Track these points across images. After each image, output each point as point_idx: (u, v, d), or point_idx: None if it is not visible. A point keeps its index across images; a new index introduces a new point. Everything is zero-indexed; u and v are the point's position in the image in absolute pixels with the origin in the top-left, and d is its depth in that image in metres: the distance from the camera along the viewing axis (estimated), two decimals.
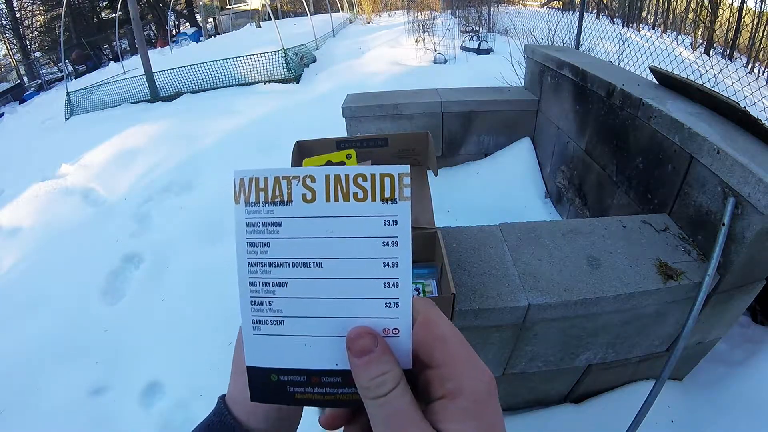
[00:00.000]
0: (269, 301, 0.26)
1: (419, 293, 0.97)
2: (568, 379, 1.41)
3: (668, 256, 1.15)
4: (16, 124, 7.38)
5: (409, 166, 0.26)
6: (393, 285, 0.25)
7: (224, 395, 0.31)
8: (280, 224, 0.26)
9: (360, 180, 0.25)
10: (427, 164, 1.14)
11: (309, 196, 0.25)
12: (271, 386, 0.26)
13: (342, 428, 0.28)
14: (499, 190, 2.52)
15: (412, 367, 0.25)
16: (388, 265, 0.25)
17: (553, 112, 2.35)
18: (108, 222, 3.01)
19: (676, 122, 1.29)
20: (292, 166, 1.07)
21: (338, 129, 2.61)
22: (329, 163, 0.37)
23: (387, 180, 0.25)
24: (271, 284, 0.26)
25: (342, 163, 0.34)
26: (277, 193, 0.25)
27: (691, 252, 1.17)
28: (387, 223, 0.25)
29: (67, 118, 6.20)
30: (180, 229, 2.75)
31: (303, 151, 1.11)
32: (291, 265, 0.26)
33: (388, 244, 0.25)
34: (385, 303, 0.25)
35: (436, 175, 1.11)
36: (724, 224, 1.06)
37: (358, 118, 2.55)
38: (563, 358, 1.26)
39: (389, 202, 0.25)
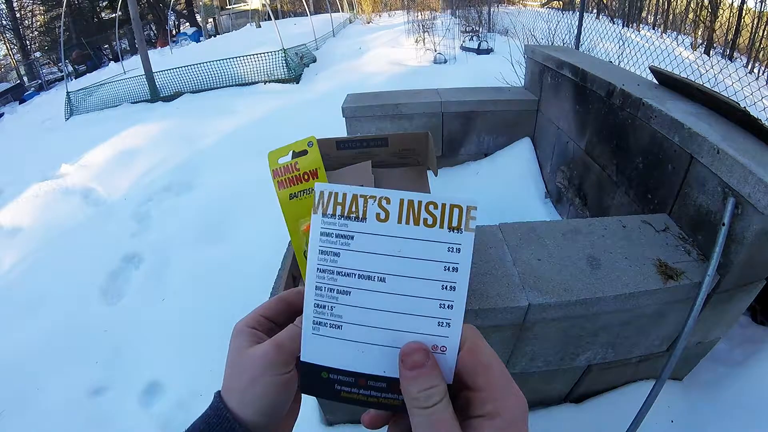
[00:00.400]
0: (331, 306, 0.29)
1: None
2: (568, 379, 1.41)
3: (668, 256, 1.15)
4: (16, 124, 7.38)
5: (476, 200, 0.29)
6: (448, 307, 0.27)
7: (220, 390, 0.32)
8: (352, 238, 0.28)
9: (431, 207, 0.27)
10: (427, 164, 1.14)
11: (382, 216, 0.28)
12: (320, 382, 0.29)
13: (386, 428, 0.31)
14: (499, 190, 2.52)
15: (452, 383, 0.27)
16: (446, 288, 0.27)
17: (553, 112, 2.35)
18: (108, 222, 3.01)
19: (676, 122, 1.29)
20: None
21: (338, 129, 2.61)
22: (293, 154, 0.41)
23: (456, 211, 0.27)
24: (335, 291, 0.28)
25: (304, 152, 0.42)
26: (354, 209, 0.28)
27: (691, 252, 1.17)
28: (451, 250, 0.27)
29: (67, 118, 6.21)
30: (180, 229, 2.75)
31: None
32: (357, 276, 0.28)
33: (449, 269, 0.27)
34: (438, 322, 0.27)
35: (436, 175, 1.11)
36: (724, 224, 1.06)
37: (358, 118, 2.55)
38: (563, 358, 1.26)
39: (455, 231, 0.27)
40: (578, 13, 3.46)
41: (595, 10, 7.79)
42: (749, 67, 7.26)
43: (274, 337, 0.32)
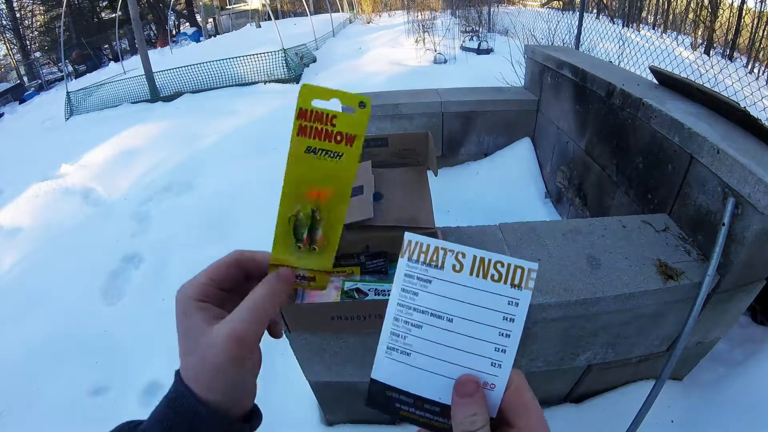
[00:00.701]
0: (404, 336, 0.33)
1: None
2: (568, 379, 1.41)
3: (668, 256, 1.15)
4: (16, 124, 7.37)
5: (537, 263, 0.35)
6: (502, 351, 0.32)
7: (179, 371, 0.32)
8: (430, 282, 0.33)
9: (498, 266, 0.32)
10: (427, 164, 1.14)
11: (458, 267, 0.33)
12: (384, 398, 0.34)
13: None
14: (499, 190, 2.52)
15: (495, 417, 0.31)
16: (502, 335, 0.32)
17: (553, 112, 2.35)
18: (108, 222, 3.01)
19: (676, 122, 1.29)
20: None
21: None
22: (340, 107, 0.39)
23: (519, 271, 0.32)
24: (410, 324, 0.33)
25: (349, 109, 0.37)
26: (434, 258, 0.33)
27: (691, 252, 1.17)
28: (510, 303, 0.32)
29: (67, 118, 6.20)
30: (180, 229, 2.75)
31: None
32: (430, 314, 0.33)
33: (507, 319, 0.32)
34: (492, 363, 0.32)
35: (436, 175, 1.11)
36: (724, 224, 1.06)
37: None
38: (563, 358, 1.26)
39: (516, 287, 0.32)
40: (578, 13, 3.46)
41: (595, 10, 7.79)
42: (749, 67, 7.26)
43: (233, 330, 0.30)
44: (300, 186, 0.35)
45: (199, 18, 16.49)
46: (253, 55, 6.14)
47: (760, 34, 7.73)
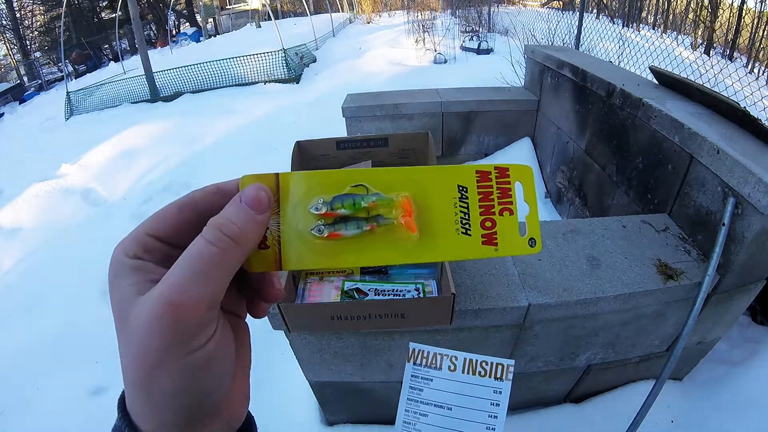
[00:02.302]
0: (414, 423, 0.42)
1: (419, 293, 0.97)
2: (568, 379, 1.41)
3: (668, 256, 1.15)
4: (16, 124, 7.37)
5: (513, 360, 0.43)
6: (491, 429, 0.41)
7: (123, 400, 0.22)
8: (431, 380, 0.42)
9: (483, 364, 0.42)
10: (427, 164, 1.14)
11: (452, 368, 0.42)
12: None
13: None
14: None
15: None
16: (491, 416, 0.41)
17: (553, 112, 2.35)
18: (108, 222, 3.01)
19: (676, 122, 1.29)
20: (291, 165, 1.07)
21: (338, 129, 2.61)
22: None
23: (500, 367, 0.42)
24: (418, 414, 0.42)
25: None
26: (433, 362, 0.43)
27: (691, 252, 1.17)
28: (495, 392, 0.41)
29: (67, 118, 6.20)
30: None
31: (303, 151, 1.11)
32: (433, 405, 0.42)
33: (493, 404, 0.41)
34: None
35: None
36: (724, 224, 1.06)
37: (358, 118, 2.55)
38: (563, 358, 1.26)
39: (499, 380, 0.42)
40: (578, 13, 3.46)
41: (595, 10, 7.79)
42: (749, 67, 7.26)
43: (162, 293, 0.19)
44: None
45: (199, 18, 16.49)
46: (253, 55, 6.14)
47: (760, 34, 7.73)
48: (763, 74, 6.69)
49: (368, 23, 12.17)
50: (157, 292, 0.20)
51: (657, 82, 1.68)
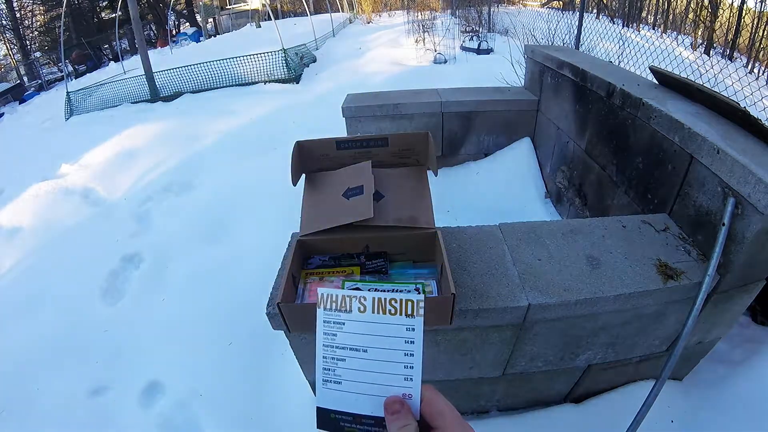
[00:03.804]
0: (333, 369, 0.42)
1: (419, 293, 0.97)
2: (568, 379, 1.41)
3: (668, 256, 1.15)
4: (16, 124, 7.37)
5: (424, 296, 0.43)
6: (410, 367, 0.40)
7: None
8: (343, 324, 0.42)
9: (393, 302, 0.41)
10: (427, 164, 1.14)
11: (362, 309, 0.41)
12: (331, 421, 0.42)
13: None
14: (499, 190, 2.52)
15: (422, 426, 0.39)
16: (407, 354, 0.40)
17: (553, 112, 2.35)
18: (108, 222, 3.01)
19: (676, 122, 1.29)
20: (291, 165, 1.07)
21: (338, 129, 2.61)
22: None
23: (410, 303, 0.41)
24: (335, 359, 0.42)
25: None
26: (343, 305, 0.42)
27: (691, 252, 1.17)
28: (408, 329, 0.41)
29: (67, 118, 6.20)
30: (180, 229, 2.75)
31: (303, 151, 1.11)
32: (348, 349, 0.41)
33: (408, 342, 0.40)
34: (404, 377, 0.41)
35: (436, 175, 1.11)
36: (724, 224, 1.06)
37: (358, 118, 2.55)
38: (563, 358, 1.26)
39: (410, 317, 0.41)
40: (578, 13, 3.46)
41: (595, 10, 7.79)
42: (749, 67, 7.26)
43: None
44: None
45: (199, 18, 16.49)
46: (253, 55, 6.14)
47: (760, 34, 7.72)
48: (763, 74, 6.69)
49: (368, 23, 12.17)
50: None
51: (657, 82, 1.68)
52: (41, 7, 15.16)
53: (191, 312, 2.10)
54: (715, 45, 7.98)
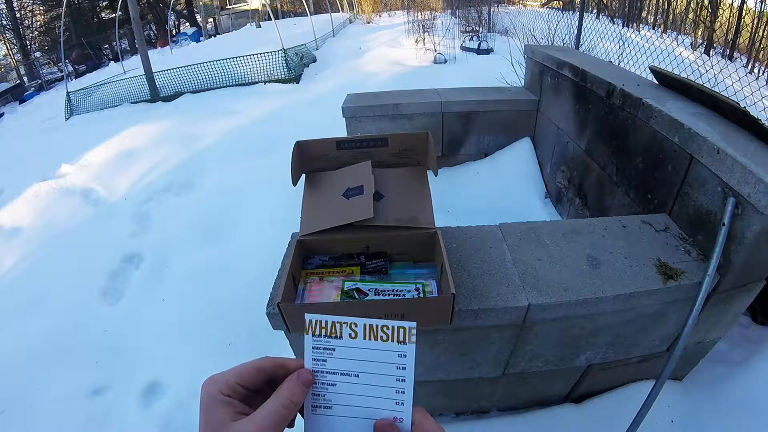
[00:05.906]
0: (324, 394, 0.41)
1: (419, 293, 0.97)
2: (568, 379, 1.41)
3: (668, 256, 1.15)
4: (16, 124, 7.38)
5: (416, 323, 0.41)
6: (401, 392, 0.40)
7: None
8: (334, 350, 0.41)
9: (384, 329, 0.40)
10: (427, 164, 1.13)
11: (353, 335, 0.41)
12: None
13: None
14: (499, 190, 2.52)
15: None
16: (399, 380, 0.40)
17: (553, 112, 2.35)
18: (108, 222, 3.01)
19: (676, 122, 1.29)
20: (291, 165, 1.07)
21: (338, 129, 2.61)
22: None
23: (401, 330, 0.40)
24: (326, 384, 0.41)
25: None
26: (333, 331, 0.41)
27: (691, 252, 1.17)
28: (400, 355, 0.40)
29: (67, 118, 6.21)
30: (180, 230, 2.75)
31: (303, 151, 1.11)
32: (339, 374, 0.41)
33: (399, 368, 0.40)
34: (396, 402, 0.40)
35: (436, 175, 1.11)
36: (724, 224, 1.06)
37: (358, 118, 2.55)
38: (563, 358, 1.26)
39: (402, 343, 0.40)
40: (578, 13, 3.46)
41: (595, 10, 7.79)
42: (749, 67, 7.26)
43: (258, 428, 0.34)
44: None
45: (199, 18, 16.49)
46: (253, 55, 6.14)
47: (760, 34, 7.72)
48: (763, 74, 6.69)
49: (368, 23, 12.17)
50: (247, 425, 0.34)
51: (657, 82, 1.68)
52: (41, 7, 15.16)
53: (191, 312, 2.10)
54: (715, 45, 7.98)
